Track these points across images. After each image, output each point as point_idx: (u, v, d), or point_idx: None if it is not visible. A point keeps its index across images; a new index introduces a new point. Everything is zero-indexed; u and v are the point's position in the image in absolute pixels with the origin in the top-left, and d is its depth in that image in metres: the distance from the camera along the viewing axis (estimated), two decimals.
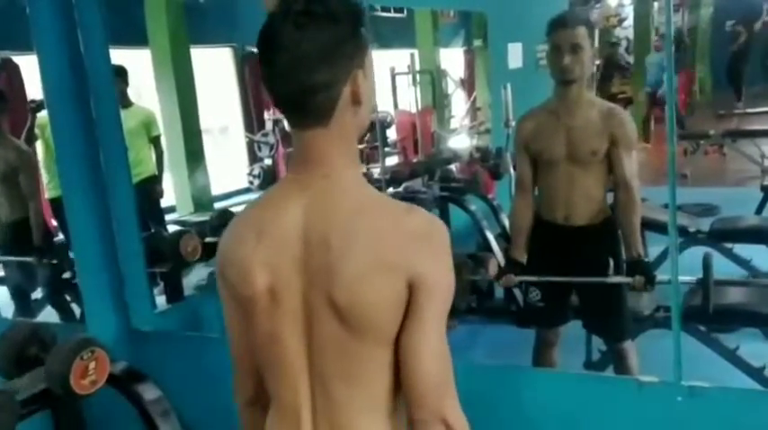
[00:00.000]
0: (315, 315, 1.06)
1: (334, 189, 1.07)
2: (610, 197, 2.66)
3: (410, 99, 6.41)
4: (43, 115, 2.79)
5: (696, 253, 3.74)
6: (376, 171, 5.41)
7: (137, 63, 4.62)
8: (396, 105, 6.98)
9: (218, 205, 5.09)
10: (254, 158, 7.12)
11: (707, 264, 2.67)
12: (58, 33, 2.16)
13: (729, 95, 12.73)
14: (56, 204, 3.37)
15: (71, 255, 2.44)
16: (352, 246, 1.03)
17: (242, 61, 6.82)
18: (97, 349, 1.80)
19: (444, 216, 4.47)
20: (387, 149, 6.59)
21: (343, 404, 1.08)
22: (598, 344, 3.04)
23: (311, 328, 1.07)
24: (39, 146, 3.37)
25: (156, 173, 4.13)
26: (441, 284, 1.05)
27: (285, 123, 1.14)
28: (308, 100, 1.04)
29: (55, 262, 3.27)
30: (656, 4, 11.82)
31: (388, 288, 1.02)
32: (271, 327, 1.09)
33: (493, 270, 3.67)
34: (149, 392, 1.98)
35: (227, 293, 1.16)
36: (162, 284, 2.90)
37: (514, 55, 5.00)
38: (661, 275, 2.41)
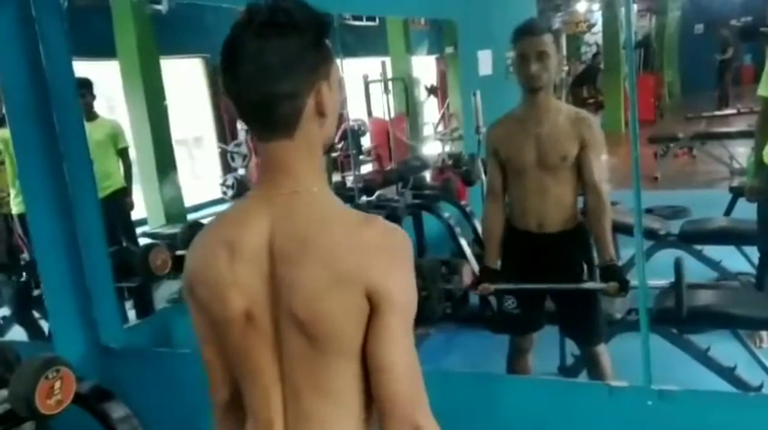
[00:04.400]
0: (283, 330, 1.06)
1: (300, 205, 1.06)
2: (580, 202, 2.68)
3: (383, 107, 6.42)
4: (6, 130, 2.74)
5: (667, 255, 3.80)
6: (350, 179, 5.40)
7: (111, 75, 4.58)
8: (369, 113, 6.98)
9: (191, 216, 5.03)
10: (227, 169, 7.07)
11: (678, 268, 2.68)
12: (19, 46, 2.13)
13: (698, 99, 12.94)
14: (23, 220, 3.31)
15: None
16: (309, 260, 1.02)
17: (213, 72, 6.77)
18: (62, 368, 1.77)
19: (417, 223, 4.47)
20: (361, 157, 6.58)
21: (315, 415, 1.08)
22: (572, 348, 3.06)
23: (281, 343, 1.07)
24: None
25: (125, 185, 4.08)
26: (401, 295, 1.03)
27: None
28: (273, 111, 1.04)
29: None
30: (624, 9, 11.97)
31: (346, 301, 1.01)
32: (243, 344, 1.09)
33: (467, 276, 3.69)
34: (117, 411, 1.95)
35: (197, 310, 1.15)
36: (132, 299, 2.87)
37: (484, 62, 5.03)
38: (633, 279, 2.43)
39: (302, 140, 1.07)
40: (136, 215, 4.33)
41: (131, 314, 3.02)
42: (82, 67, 3.55)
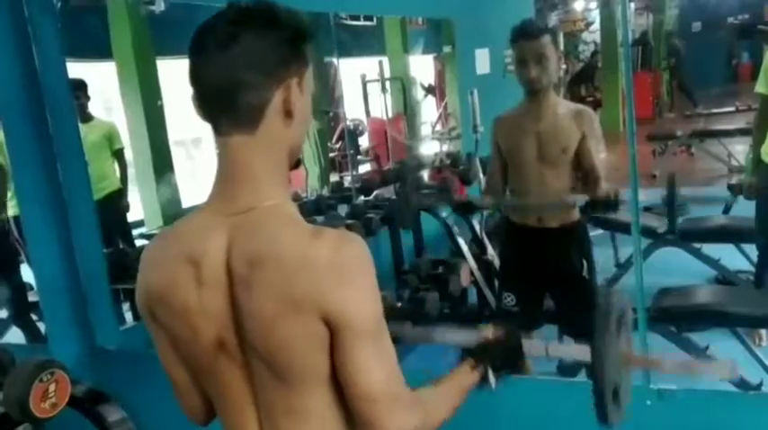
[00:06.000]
0: (249, 358, 1.02)
1: (255, 223, 0.99)
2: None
3: (381, 106, 6.41)
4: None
5: (666, 254, 3.79)
6: (348, 179, 5.38)
7: (108, 76, 4.56)
8: (367, 113, 6.97)
9: None
10: None
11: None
12: (12, 47, 2.12)
13: (696, 96, 12.92)
14: (18, 222, 3.30)
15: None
16: (261, 285, 0.95)
17: None
18: (57, 370, 1.75)
19: (416, 223, 4.46)
20: (359, 157, 6.57)
21: None
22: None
23: (250, 369, 1.02)
24: None
25: (121, 187, 4.07)
26: (359, 314, 0.95)
27: None
28: (236, 98, 0.98)
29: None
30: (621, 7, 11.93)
31: (303, 329, 0.95)
32: (213, 368, 1.05)
33: (465, 276, 3.68)
34: (113, 414, 1.93)
35: (159, 331, 1.09)
36: (128, 301, 2.85)
37: (482, 61, 5.02)
38: (631, 278, 2.42)
39: (265, 138, 1.00)
40: (133, 217, 4.31)
41: (128, 316, 3.01)
42: (78, 69, 3.54)
